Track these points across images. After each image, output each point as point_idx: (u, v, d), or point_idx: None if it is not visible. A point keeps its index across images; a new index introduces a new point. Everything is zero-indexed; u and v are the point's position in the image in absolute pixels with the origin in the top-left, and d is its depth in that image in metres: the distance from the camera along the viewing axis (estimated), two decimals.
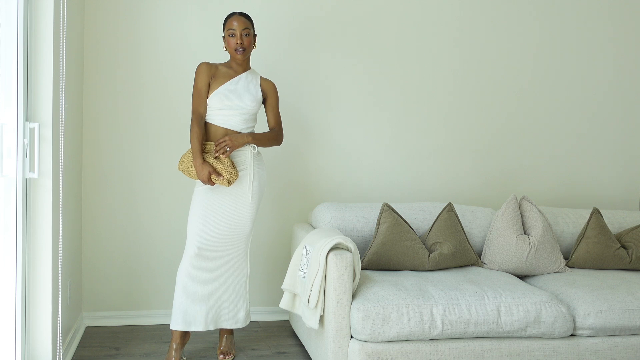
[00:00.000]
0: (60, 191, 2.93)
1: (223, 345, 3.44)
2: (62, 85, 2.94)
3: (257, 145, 3.31)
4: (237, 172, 3.22)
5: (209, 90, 3.30)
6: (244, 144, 3.27)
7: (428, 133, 4.16)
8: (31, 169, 2.77)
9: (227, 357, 3.39)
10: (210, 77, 3.30)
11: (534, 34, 4.25)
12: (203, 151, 3.24)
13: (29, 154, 2.76)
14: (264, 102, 3.43)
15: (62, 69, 2.95)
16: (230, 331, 3.47)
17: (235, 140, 3.22)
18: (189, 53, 3.83)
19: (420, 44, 4.12)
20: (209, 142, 3.28)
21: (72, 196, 3.47)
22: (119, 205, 3.86)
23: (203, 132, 3.26)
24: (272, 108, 3.43)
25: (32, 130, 2.77)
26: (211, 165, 3.19)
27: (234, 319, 3.37)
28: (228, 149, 3.20)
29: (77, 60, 3.56)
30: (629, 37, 4.39)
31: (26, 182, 2.80)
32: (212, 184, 3.21)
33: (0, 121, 2.66)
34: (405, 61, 4.11)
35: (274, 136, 3.40)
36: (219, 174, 3.19)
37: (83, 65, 3.76)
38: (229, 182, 3.19)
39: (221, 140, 3.21)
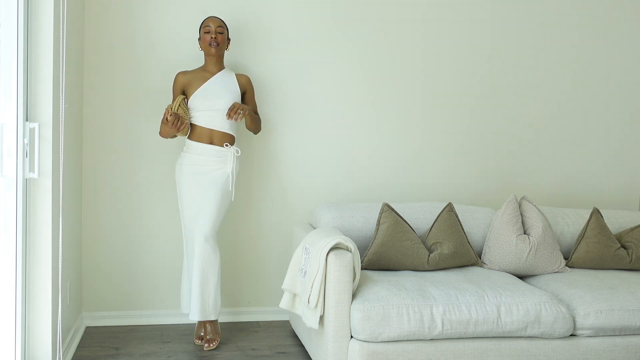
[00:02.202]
0: (60, 191, 2.93)
1: (209, 333, 3.55)
2: (62, 85, 2.94)
3: (250, 118, 3.59)
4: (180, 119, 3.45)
5: (187, 95, 3.56)
6: (246, 112, 3.53)
7: (428, 133, 4.16)
8: (31, 169, 2.77)
9: (211, 345, 3.50)
10: (184, 85, 3.57)
11: (534, 34, 4.25)
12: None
13: (29, 154, 2.76)
14: (243, 95, 3.66)
15: (62, 69, 2.95)
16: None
17: (242, 107, 3.49)
18: (189, 53, 3.83)
19: (422, 44, 4.12)
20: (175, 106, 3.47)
21: (72, 196, 3.47)
22: (119, 205, 3.86)
23: None
24: (251, 100, 3.71)
25: (32, 130, 2.77)
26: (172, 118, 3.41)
27: (214, 311, 3.54)
28: (241, 112, 3.48)
29: (77, 60, 3.56)
30: (629, 38, 4.39)
31: (26, 182, 2.80)
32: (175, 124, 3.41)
33: (0, 121, 2.66)
34: (407, 61, 4.11)
35: (259, 120, 3.72)
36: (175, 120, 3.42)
37: (83, 65, 3.76)
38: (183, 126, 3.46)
39: (234, 108, 3.46)
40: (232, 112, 3.45)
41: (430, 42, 4.13)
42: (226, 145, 3.52)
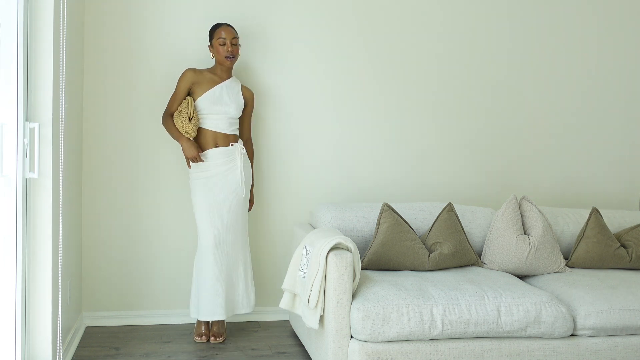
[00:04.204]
0: (60, 191, 2.93)
1: (215, 327, 3.63)
2: (62, 85, 2.94)
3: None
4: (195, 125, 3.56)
5: (193, 94, 3.62)
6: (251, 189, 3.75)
7: (428, 133, 4.16)
8: (31, 169, 2.77)
9: (218, 339, 3.60)
10: (192, 83, 3.61)
11: (533, 34, 4.25)
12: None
13: (29, 154, 2.75)
14: (243, 109, 3.71)
15: (62, 69, 2.95)
16: None
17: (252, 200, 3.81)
18: (190, 53, 3.83)
19: (421, 44, 4.12)
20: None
21: (72, 196, 3.47)
22: (119, 205, 3.86)
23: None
24: (248, 117, 3.77)
25: (32, 130, 2.77)
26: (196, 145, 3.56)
27: (248, 304, 3.67)
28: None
29: (77, 60, 3.56)
30: (628, 36, 4.39)
31: (26, 182, 2.80)
32: (198, 159, 3.54)
33: (0, 121, 2.66)
34: (406, 61, 4.11)
35: (252, 154, 3.80)
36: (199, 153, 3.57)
37: (83, 65, 3.76)
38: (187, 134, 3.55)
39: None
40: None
41: (430, 43, 4.13)
42: (232, 144, 3.60)
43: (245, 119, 3.74)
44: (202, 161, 3.55)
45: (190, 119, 3.51)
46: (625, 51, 4.39)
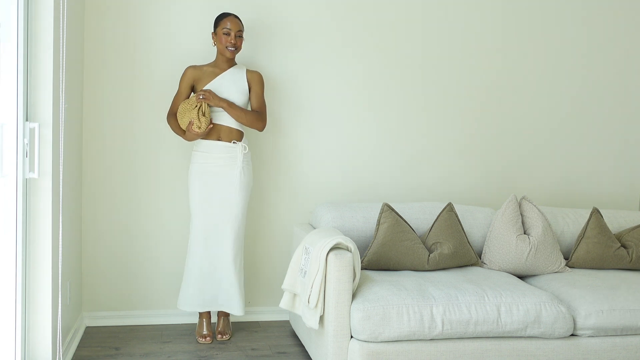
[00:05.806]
0: (60, 191, 2.93)
1: (220, 326, 3.69)
2: (62, 85, 2.94)
3: (229, 114, 3.52)
4: (207, 120, 3.46)
5: (194, 91, 3.59)
6: (218, 105, 3.49)
7: (428, 133, 4.16)
8: (31, 169, 2.77)
9: (224, 337, 3.65)
10: (193, 80, 3.58)
11: (532, 33, 4.25)
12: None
13: (29, 154, 2.76)
14: (249, 90, 3.64)
15: (62, 69, 2.95)
16: (227, 313, 3.72)
17: (212, 95, 3.47)
18: (189, 53, 3.83)
19: (421, 44, 4.12)
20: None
21: (72, 196, 3.47)
22: (119, 205, 3.86)
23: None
24: (255, 94, 3.63)
25: (32, 130, 2.77)
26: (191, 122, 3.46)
27: (233, 305, 3.59)
28: (202, 97, 3.43)
29: (77, 60, 3.56)
30: (629, 36, 4.39)
31: (26, 182, 2.80)
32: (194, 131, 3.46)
33: (0, 121, 2.66)
34: (408, 62, 4.11)
35: (252, 116, 3.57)
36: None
37: (83, 65, 3.76)
38: (199, 128, 3.45)
39: (201, 91, 3.46)
40: (198, 94, 3.45)
41: (432, 43, 4.13)
42: (234, 142, 3.56)
43: (252, 97, 3.61)
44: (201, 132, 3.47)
45: (203, 113, 3.44)
46: (625, 51, 4.39)
